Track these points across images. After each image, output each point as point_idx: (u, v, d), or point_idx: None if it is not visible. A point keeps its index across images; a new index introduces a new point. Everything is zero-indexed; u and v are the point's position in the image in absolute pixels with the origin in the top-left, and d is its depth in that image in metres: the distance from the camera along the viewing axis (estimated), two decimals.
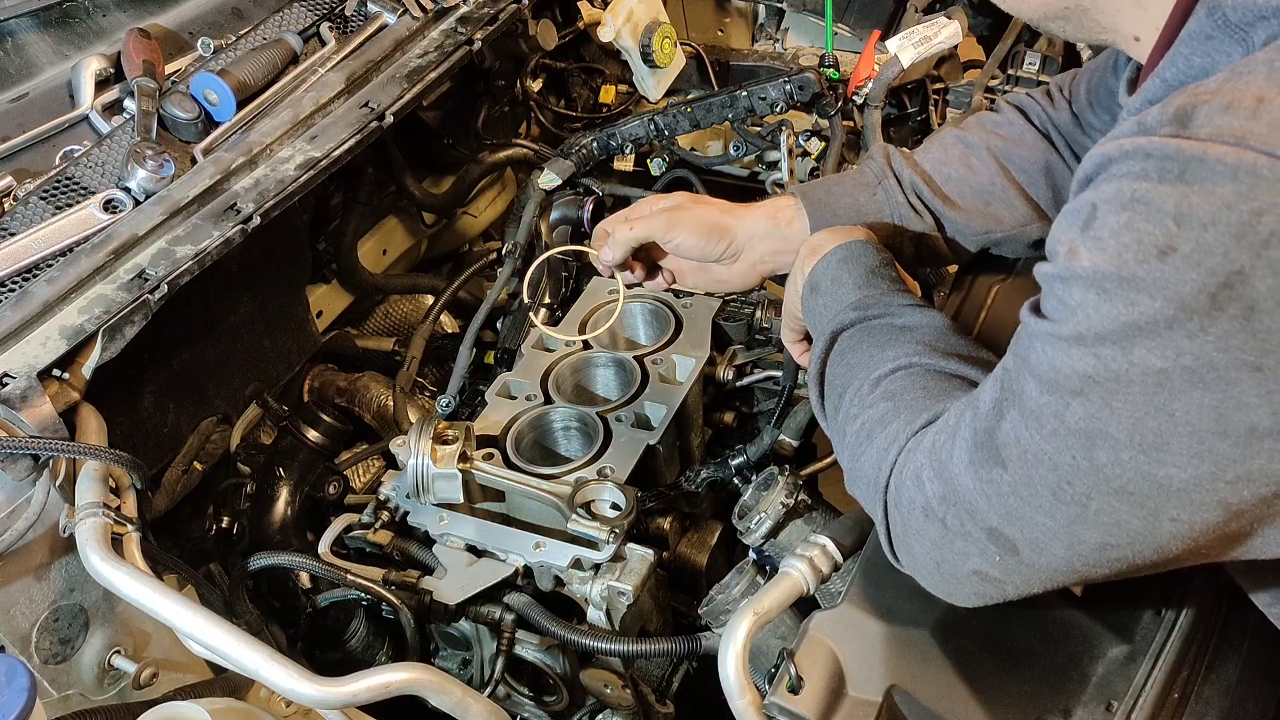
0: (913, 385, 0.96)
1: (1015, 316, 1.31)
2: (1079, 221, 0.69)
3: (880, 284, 1.09)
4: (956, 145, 1.31)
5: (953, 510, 0.83)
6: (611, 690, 1.26)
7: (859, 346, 1.03)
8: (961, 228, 1.30)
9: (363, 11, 1.64)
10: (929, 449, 0.86)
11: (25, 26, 1.47)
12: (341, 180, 1.75)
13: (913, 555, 0.89)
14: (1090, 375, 0.69)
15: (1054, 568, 0.80)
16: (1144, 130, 0.67)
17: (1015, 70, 1.77)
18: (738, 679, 0.96)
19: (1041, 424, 0.73)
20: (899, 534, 0.90)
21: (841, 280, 1.10)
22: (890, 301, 1.06)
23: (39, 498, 1.11)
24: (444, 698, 1.05)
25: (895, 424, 0.93)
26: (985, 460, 0.79)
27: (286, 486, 1.53)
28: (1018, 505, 0.77)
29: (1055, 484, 0.74)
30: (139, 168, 1.32)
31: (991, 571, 0.83)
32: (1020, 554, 0.80)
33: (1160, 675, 0.94)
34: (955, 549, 0.84)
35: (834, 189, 1.33)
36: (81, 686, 1.19)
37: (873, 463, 0.93)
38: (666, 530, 1.31)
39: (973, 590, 0.87)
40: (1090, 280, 0.67)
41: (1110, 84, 1.19)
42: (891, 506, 0.90)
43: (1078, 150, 1.26)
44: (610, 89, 2.09)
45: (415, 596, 1.24)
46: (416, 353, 1.76)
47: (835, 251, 1.13)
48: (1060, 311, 0.70)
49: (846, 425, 0.99)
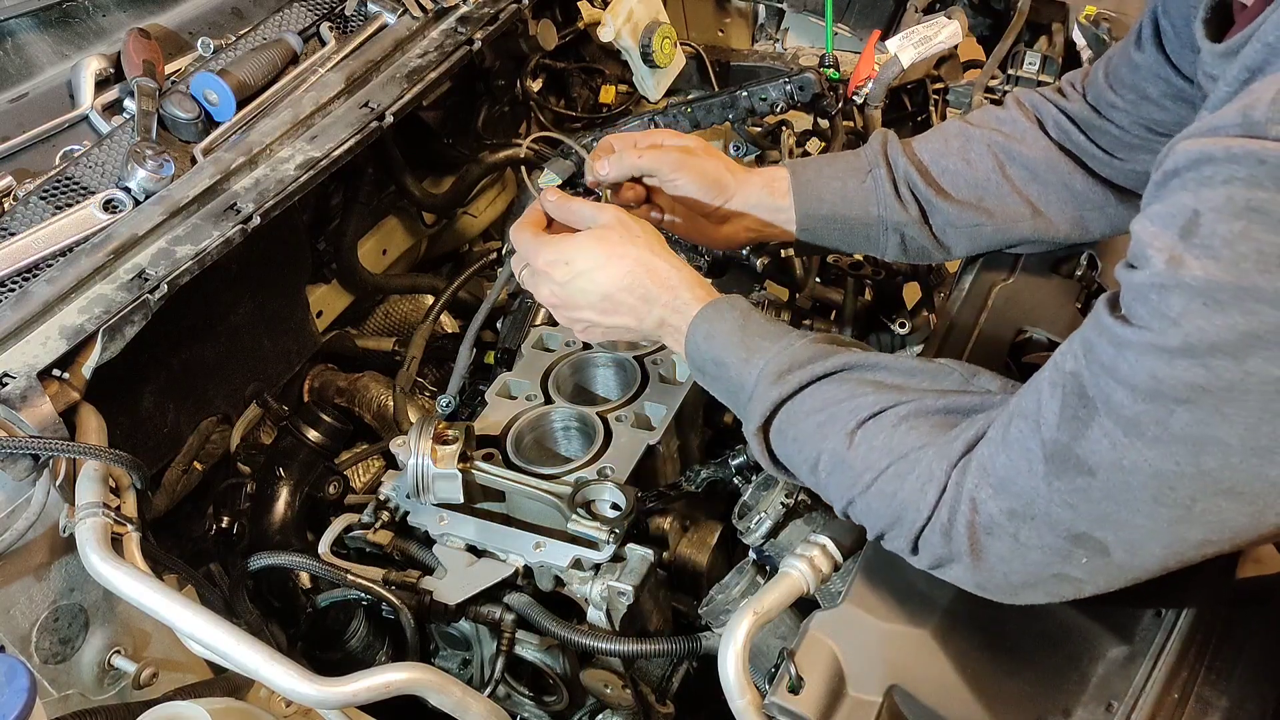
0: (894, 428, 0.94)
1: (1015, 316, 1.31)
2: (1176, 226, 0.68)
3: (757, 337, 1.06)
4: (957, 138, 1.32)
5: (1026, 524, 0.82)
6: (611, 690, 1.26)
7: (799, 421, 1.00)
8: (952, 219, 1.31)
9: (363, 11, 1.64)
10: (979, 470, 0.85)
11: (25, 26, 1.47)
12: (341, 180, 1.75)
13: (969, 572, 0.88)
14: (1200, 385, 0.68)
15: (1145, 566, 0.81)
16: (1251, 129, 0.65)
17: (1015, 70, 1.77)
18: (738, 679, 0.96)
19: (1141, 432, 0.73)
20: (944, 560, 0.89)
21: (723, 360, 1.06)
22: (783, 349, 1.03)
23: (39, 498, 1.11)
24: (444, 698, 1.05)
25: (921, 465, 0.90)
26: (1064, 470, 0.78)
27: (286, 486, 1.53)
28: (1112, 510, 0.77)
29: (1156, 489, 0.74)
30: (139, 168, 1.32)
31: (1074, 574, 0.83)
32: (1111, 555, 0.80)
33: (1160, 675, 0.94)
34: (1031, 560, 0.83)
35: (825, 170, 1.33)
36: (81, 686, 1.19)
37: (899, 507, 0.91)
38: (666, 530, 1.31)
39: (1047, 592, 0.87)
40: (1199, 290, 0.66)
41: (1133, 58, 1.19)
42: (931, 543, 0.89)
43: (1093, 136, 1.25)
44: (610, 89, 2.09)
45: (415, 596, 1.24)
46: (416, 353, 1.76)
47: (696, 330, 1.09)
48: (1159, 321, 0.69)
49: (840, 489, 0.97)
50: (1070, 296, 1.37)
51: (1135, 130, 1.22)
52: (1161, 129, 1.20)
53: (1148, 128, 1.21)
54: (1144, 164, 1.23)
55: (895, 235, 1.32)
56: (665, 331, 1.15)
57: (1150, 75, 1.17)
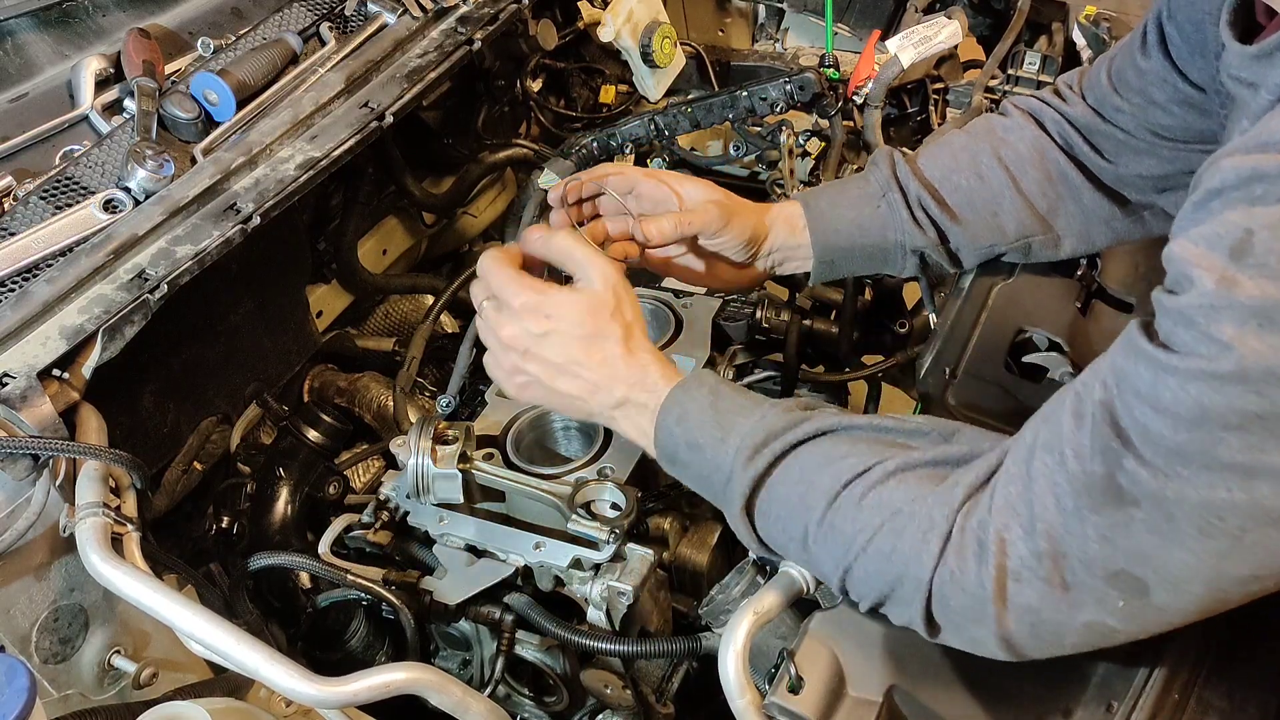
0: (882, 484, 0.90)
1: (1015, 316, 1.31)
2: (1225, 246, 0.65)
3: (730, 414, 1.01)
4: (965, 151, 1.29)
5: (1059, 564, 0.77)
6: (611, 690, 1.26)
7: (780, 497, 0.96)
8: (966, 241, 1.29)
9: (363, 11, 1.64)
10: (1006, 509, 0.80)
11: (25, 26, 1.46)
12: (341, 180, 1.75)
13: (989, 628, 0.83)
14: (1254, 412, 0.65)
15: (1185, 608, 0.76)
16: None
17: (1015, 70, 1.77)
18: (738, 679, 0.96)
19: (1187, 460, 0.69)
20: (958, 618, 0.85)
21: (699, 443, 1.01)
22: (756, 422, 0.98)
23: (39, 498, 1.11)
24: (444, 698, 1.05)
25: (919, 516, 0.86)
26: (1103, 503, 0.74)
27: (286, 486, 1.53)
28: (1154, 544, 0.72)
29: (1203, 520, 0.70)
30: (139, 167, 1.32)
31: (1108, 620, 0.78)
32: (1150, 596, 0.75)
33: (1160, 675, 0.94)
34: (1063, 605, 0.78)
35: (838, 199, 1.31)
36: (81, 686, 1.19)
37: (901, 563, 0.86)
38: (666, 530, 1.31)
39: (1074, 643, 0.82)
40: (1254, 311, 0.64)
41: (1138, 63, 1.17)
42: (944, 597, 0.84)
43: (1096, 142, 1.24)
44: (610, 89, 2.09)
45: (415, 596, 1.24)
46: (416, 353, 1.76)
47: (668, 414, 1.04)
48: (1207, 345, 0.66)
49: (833, 558, 0.92)
50: (1070, 296, 1.37)
51: (1140, 134, 1.20)
52: (1167, 133, 1.19)
53: (1153, 132, 1.19)
54: (1147, 168, 1.22)
55: (914, 257, 1.31)
56: (625, 411, 1.08)
57: (1157, 81, 1.16)
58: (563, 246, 1.12)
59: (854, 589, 0.93)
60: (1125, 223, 1.27)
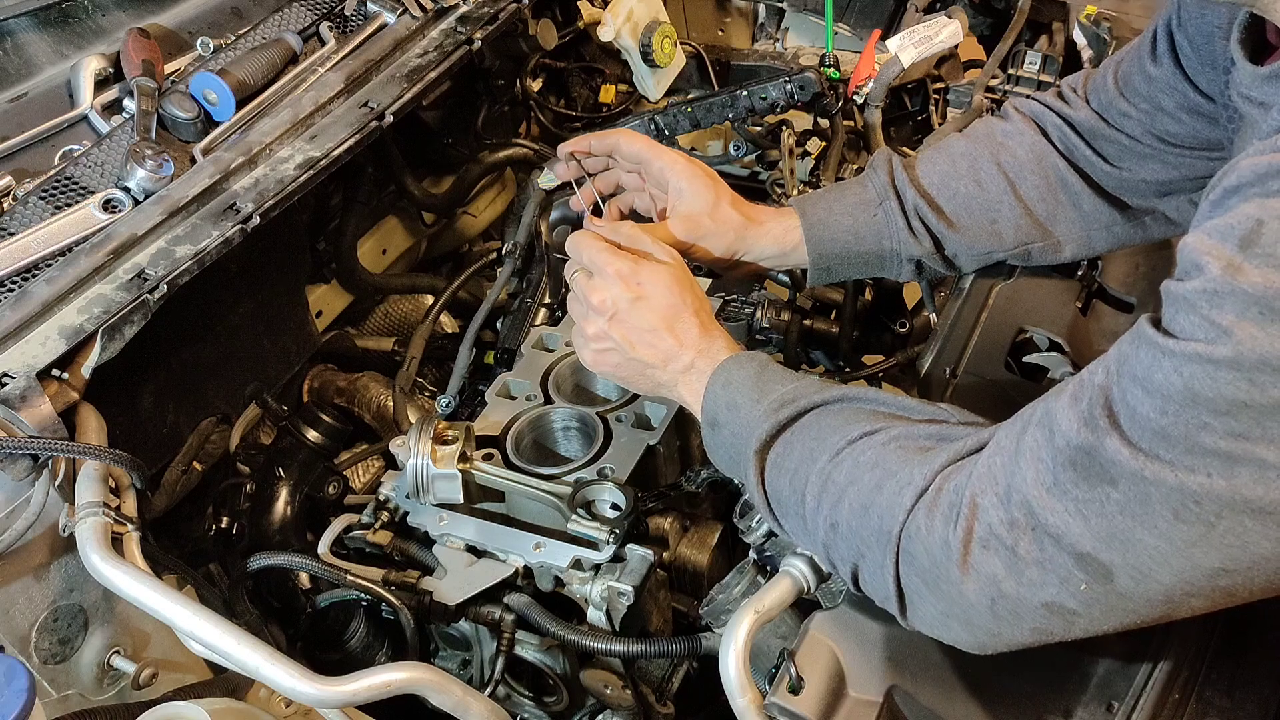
0: (884, 446, 0.92)
1: (1015, 316, 1.31)
2: (1236, 236, 0.65)
3: (771, 382, 1.07)
4: (964, 157, 1.29)
5: (1028, 536, 0.77)
6: (611, 690, 1.26)
7: (792, 451, 1.00)
8: (963, 248, 1.29)
9: (362, 11, 1.64)
10: (986, 475, 0.81)
11: (25, 26, 1.47)
12: (341, 180, 1.75)
13: (950, 599, 0.83)
14: (1243, 401, 0.65)
15: (1147, 598, 0.75)
16: None
17: (1015, 70, 1.77)
18: (738, 679, 0.96)
19: (1170, 443, 0.69)
20: (921, 583, 0.85)
21: (737, 403, 1.07)
22: (791, 388, 1.04)
23: (38, 498, 1.11)
24: (444, 697, 1.05)
25: (901, 473, 0.88)
26: (1083, 479, 0.74)
27: (286, 486, 1.53)
28: (1126, 526, 0.72)
29: (1178, 503, 0.69)
30: (138, 167, 1.32)
31: (1068, 603, 0.78)
32: (1114, 581, 0.75)
33: (1160, 675, 0.94)
34: (1026, 579, 0.78)
35: (835, 206, 1.31)
36: (81, 686, 1.18)
37: (876, 516, 0.88)
38: (666, 530, 1.31)
39: (1033, 627, 0.81)
40: (1256, 298, 0.64)
41: (1147, 70, 1.17)
42: (910, 555, 0.85)
43: (1099, 146, 1.23)
44: (610, 89, 2.09)
45: (415, 597, 1.24)
46: (416, 353, 1.76)
47: (717, 378, 1.10)
48: (1206, 330, 0.66)
49: (823, 511, 0.94)
50: (1070, 296, 1.37)
51: (1146, 140, 1.20)
52: (1174, 140, 1.18)
53: (1159, 138, 1.19)
54: (1151, 173, 1.21)
55: (910, 264, 1.32)
56: (688, 377, 1.14)
57: (1166, 88, 1.15)
58: (631, 234, 1.21)
59: (835, 550, 0.94)
60: (1126, 227, 1.27)
